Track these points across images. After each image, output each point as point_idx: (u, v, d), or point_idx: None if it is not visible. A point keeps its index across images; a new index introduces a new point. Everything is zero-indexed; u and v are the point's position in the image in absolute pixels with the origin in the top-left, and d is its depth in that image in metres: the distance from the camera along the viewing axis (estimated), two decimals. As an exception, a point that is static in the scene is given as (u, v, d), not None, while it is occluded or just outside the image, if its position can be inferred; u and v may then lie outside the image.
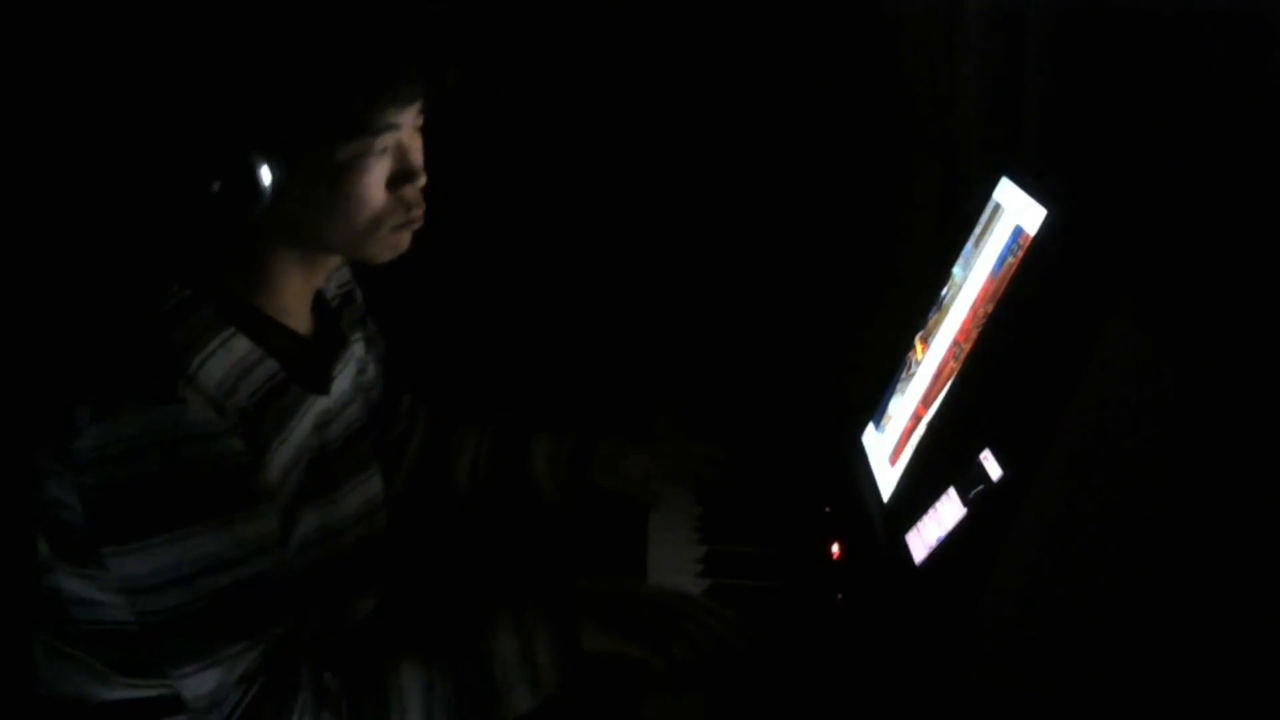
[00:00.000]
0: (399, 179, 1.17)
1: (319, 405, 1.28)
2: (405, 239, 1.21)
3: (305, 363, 1.26)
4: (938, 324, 1.43)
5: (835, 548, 1.47)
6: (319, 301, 1.32)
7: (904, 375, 1.49)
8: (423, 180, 1.19)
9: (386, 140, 1.15)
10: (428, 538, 1.67)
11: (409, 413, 1.57)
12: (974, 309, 1.33)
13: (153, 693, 1.22)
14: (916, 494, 1.27)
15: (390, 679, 1.16)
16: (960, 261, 1.43)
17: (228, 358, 1.15)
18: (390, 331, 1.53)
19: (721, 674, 1.22)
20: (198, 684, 1.12)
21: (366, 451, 1.38)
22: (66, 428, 1.11)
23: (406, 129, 1.17)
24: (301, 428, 1.24)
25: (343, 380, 1.34)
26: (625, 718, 1.23)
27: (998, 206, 1.36)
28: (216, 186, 1.10)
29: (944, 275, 1.46)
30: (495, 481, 1.58)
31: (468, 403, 1.66)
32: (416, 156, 1.18)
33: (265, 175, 1.10)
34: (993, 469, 1.10)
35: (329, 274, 1.29)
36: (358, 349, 1.42)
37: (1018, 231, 1.28)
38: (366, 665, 1.17)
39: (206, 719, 1.13)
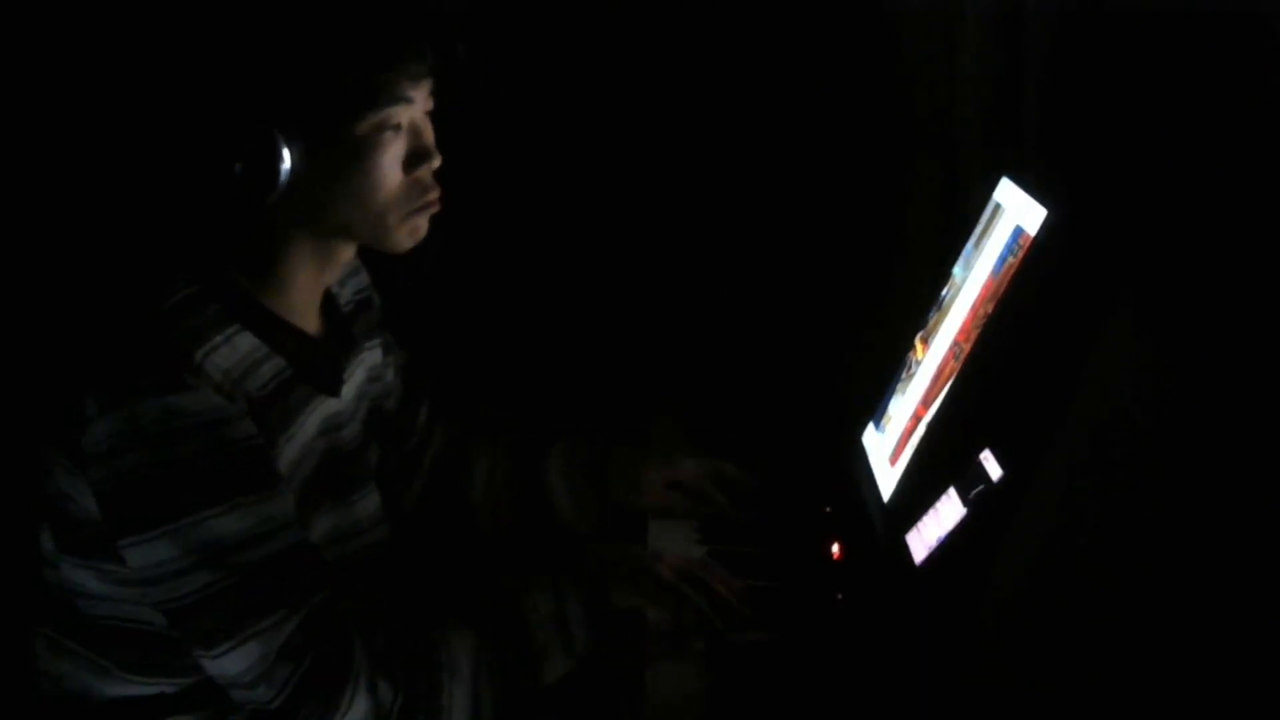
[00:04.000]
0: (414, 159, 1.19)
1: (327, 407, 1.28)
2: (423, 224, 1.22)
3: (313, 363, 1.26)
4: (938, 324, 1.43)
5: (835, 548, 1.47)
6: (329, 304, 1.32)
7: (904, 375, 1.49)
8: (438, 161, 1.21)
9: (401, 115, 1.17)
10: (437, 550, 1.65)
11: (426, 426, 1.55)
12: (974, 309, 1.33)
13: (155, 690, 1.22)
14: (916, 494, 1.27)
15: (439, 644, 1.19)
16: (960, 261, 1.43)
17: (233, 353, 1.16)
18: (396, 334, 1.52)
19: (728, 632, 1.27)
20: (235, 660, 1.13)
21: (371, 461, 1.38)
22: (73, 421, 1.11)
23: (419, 107, 1.19)
24: (307, 427, 1.24)
25: (353, 384, 1.34)
26: (629, 684, 1.26)
27: (998, 206, 1.36)
28: (239, 168, 1.11)
29: (944, 275, 1.46)
30: (511, 501, 1.54)
31: (469, 403, 1.65)
32: (430, 137, 1.20)
33: (285, 153, 1.12)
34: (993, 469, 1.10)
35: (339, 270, 1.29)
36: (373, 355, 1.42)
37: (1018, 231, 1.28)
38: (415, 632, 1.20)
39: (252, 695, 1.13)
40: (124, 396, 1.09)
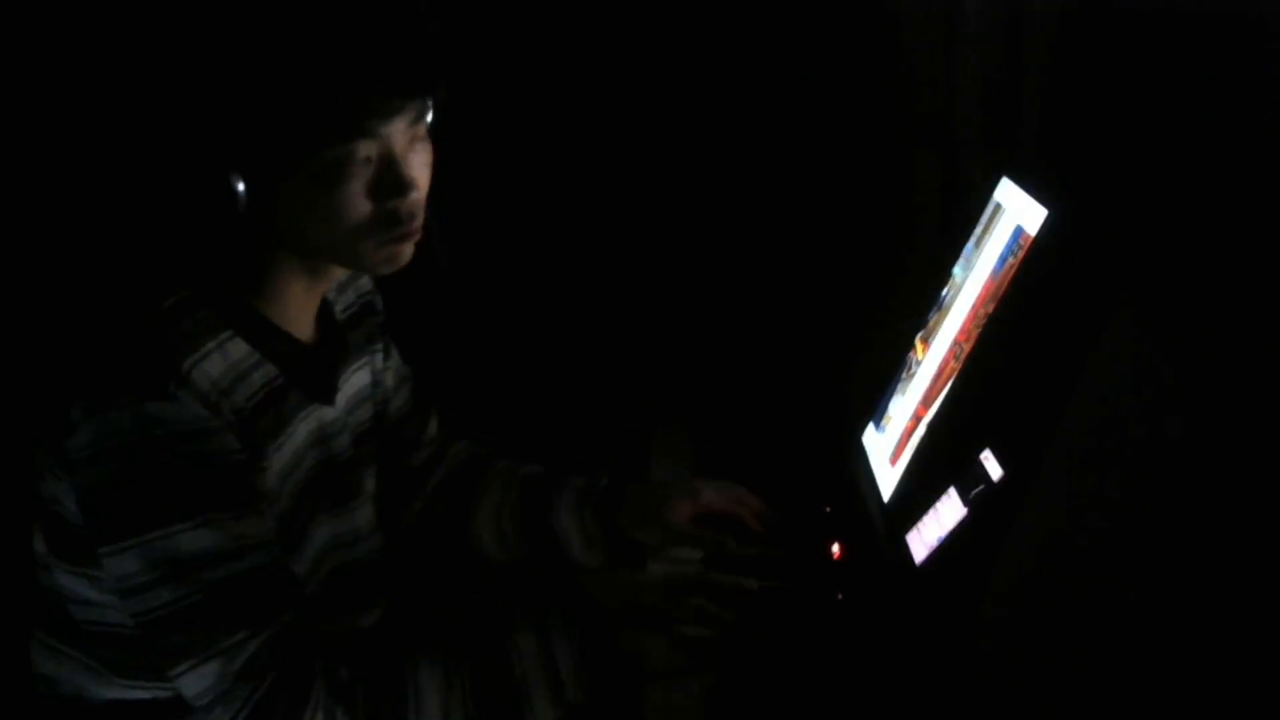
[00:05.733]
0: (385, 191, 1.13)
1: (321, 415, 1.27)
2: (403, 252, 1.17)
3: (306, 370, 1.25)
4: (938, 324, 1.43)
5: (835, 548, 1.47)
6: (324, 310, 1.31)
7: (904, 375, 1.49)
8: (415, 193, 1.15)
9: (368, 149, 1.11)
10: (433, 565, 1.63)
11: (435, 441, 1.53)
12: (974, 309, 1.33)
13: (149, 694, 1.22)
14: (916, 494, 1.27)
15: (406, 675, 1.16)
16: (960, 261, 1.43)
17: (224, 360, 1.15)
18: (399, 342, 1.51)
19: (724, 658, 1.24)
20: (197, 679, 1.11)
21: (368, 469, 1.38)
22: (60, 425, 1.11)
23: (396, 140, 1.13)
24: (297, 435, 1.23)
25: (348, 391, 1.34)
26: (628, 706, 1.24)
27: (998, 206, 1.36)
28: (192, 194, 1.10)
29: (944, 275, 1.46)
30: (516, 536, 1.49)
31: (478, 416, 1.64)
32: (407, 169, 1.14)
33: (238, 180, 1.09)
34: (993, 469, 1.10)
35: (333, 282, 1.28)
36: (374, 360, 1.41)
37: (1018, 231, 1.28)
38: (382, 661, 1.17)
39: (210, 716, 1.12)
40: (107, 402, 1.08)
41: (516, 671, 1.18)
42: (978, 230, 1.40)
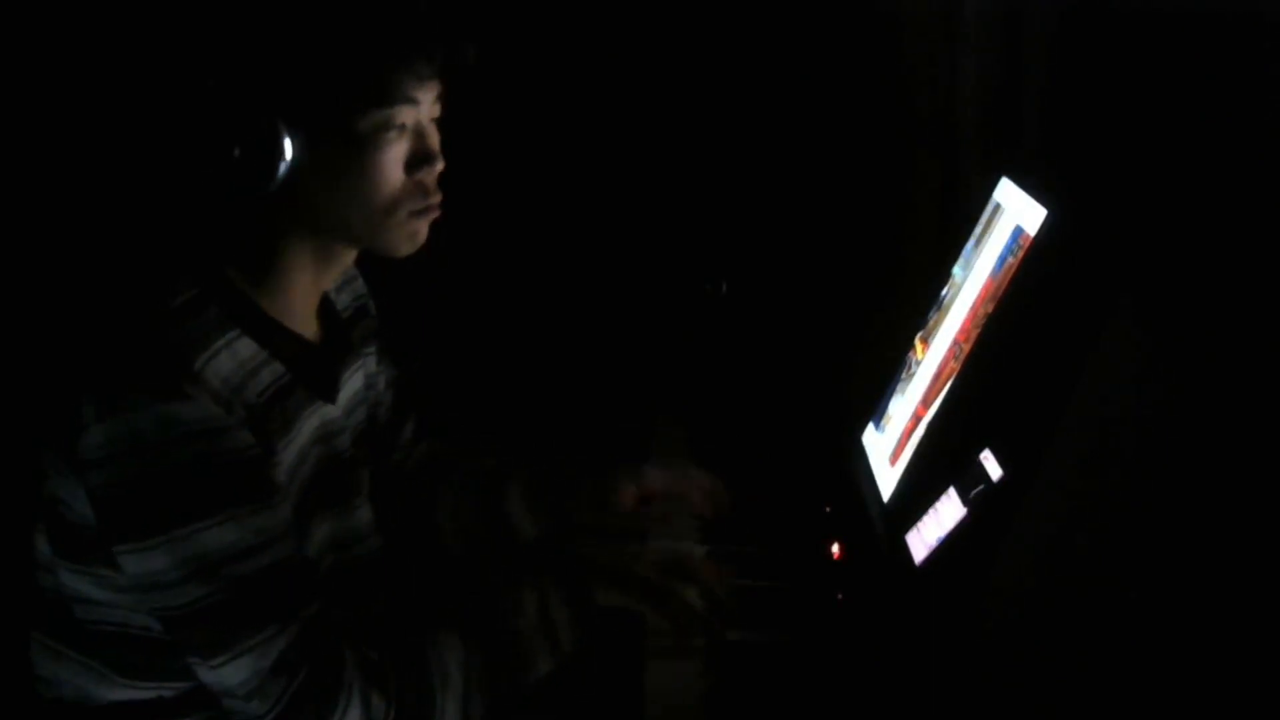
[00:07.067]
0: (417, 161, 1.18)
1: (324, 413, 1.27)
2: (423, 229, 1.21)
3: (311, 368, 1.25)
4: (938, 324, 1.43)
5: (835, 548, 1.47)
6: (326, 309, 1.32)
7: (904, 375, 1.49)
8: (440, 166, 1.20)
9: (405, 115, 1.16)
10: (426, 559, 1.64)
11: (410, 442, 1.54)
12: (974, 309, 1.33)
13: (153, 694, 1.22)
14: (916, 494, 1.27)
15: (430, 654, 1.19)
16: (960, 261, 1.43)
17: (233, 358, 1.15)
18: (392, 344, 1.51)
19: (718, 628, 1.27)
20: (231, 674, 1.12)
21: (365, 469, 1.38)
22: (70, 425, 1.11)
23: (425, 110, 1.18)
24: (304, 433, 1.24)
25: (348, 392, 1.34)
26: (629, 684, 1.26)
27: (998, 206, 1.36)
28: (237, 153, 1.11)
29: (944, 275, 1.46)
30: (476, 529, 1.51)
31: (460, 417, 1.64)
32: (435, 141, 1.20)
33: (286, 143, 1.12)
34: (993, 469, 1.10)
35: (337, 275, 1.29)
36: (369, 363, 1.42)
37: (1018, 231, 1.28)
38: (406, 642, 1.19)
39: (246, 707, 1.13)
40: (122, 402, 1.08)
41: (523, 636, 1.22)
42: (977, 230, 1.40)
